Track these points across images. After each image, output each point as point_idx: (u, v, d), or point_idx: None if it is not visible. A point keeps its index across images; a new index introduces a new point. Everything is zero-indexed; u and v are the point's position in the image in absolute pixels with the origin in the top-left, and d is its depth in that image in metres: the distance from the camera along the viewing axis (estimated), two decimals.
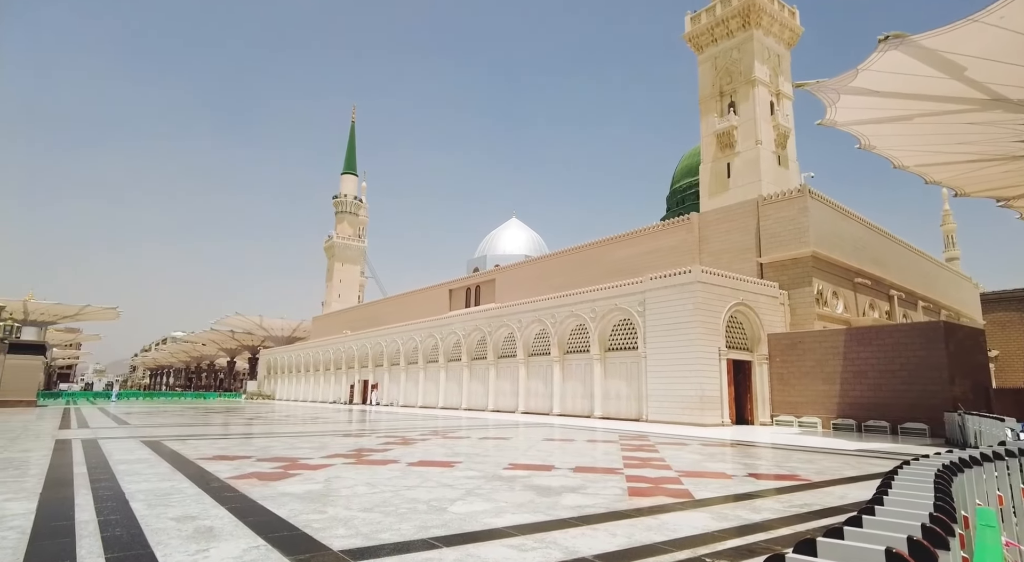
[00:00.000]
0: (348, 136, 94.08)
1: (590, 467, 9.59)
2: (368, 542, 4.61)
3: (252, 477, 7.91)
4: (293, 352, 62.19)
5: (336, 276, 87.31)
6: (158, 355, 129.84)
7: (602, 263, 35.07)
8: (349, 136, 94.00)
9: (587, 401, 27.40)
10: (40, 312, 61.49)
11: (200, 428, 18.39)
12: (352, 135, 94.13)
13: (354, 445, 13.00)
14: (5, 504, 5.95)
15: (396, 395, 42.68)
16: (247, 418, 24.91)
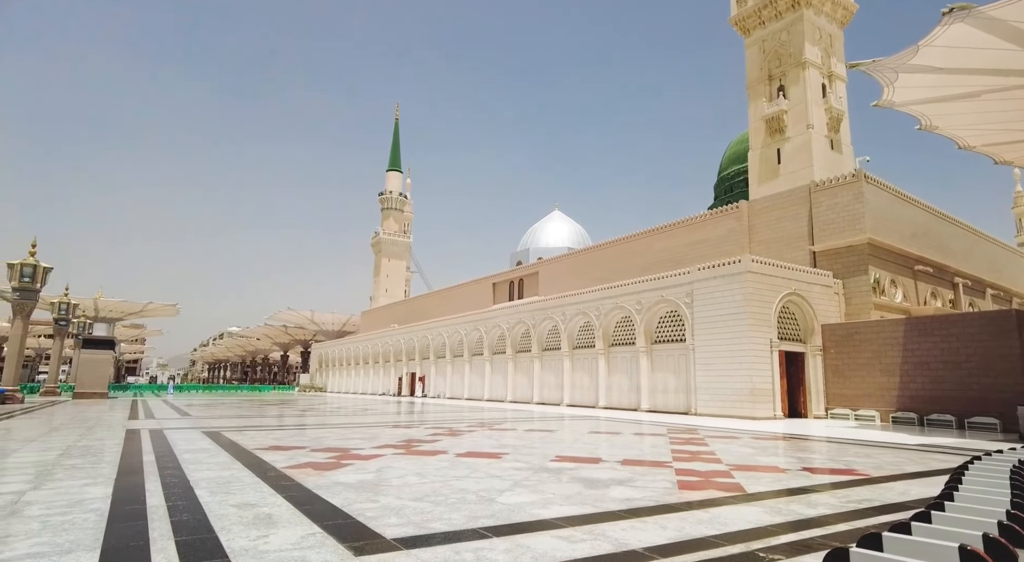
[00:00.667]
0: (392, 133, 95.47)
1: (638, 460, 9.50)
2: (419, 531, 4.70)
3: (307, 467, 8.17)
4: (343, 346, 63.77)
5: (383, 271, 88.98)
6: (215, 350, 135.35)
7: (647, 254, 34.58)
8: (393, 133, 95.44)
9: (633, 394, 27.14)
10: (108, 309, 64.92)
11: (256, 419, 19.10)
12: (396, 132, 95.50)
13: (403, 436, 13.26)
14: (85, 489, 6.34)
15: (442, 387, 43.26)
16: (300, 410, 25.72)
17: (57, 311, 37.82)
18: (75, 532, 4.54)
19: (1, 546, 4.16)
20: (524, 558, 4.00)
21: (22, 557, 3.91)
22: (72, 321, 40.20)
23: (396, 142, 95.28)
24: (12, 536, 4.42)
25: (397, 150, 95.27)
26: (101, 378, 36.30)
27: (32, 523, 4.82)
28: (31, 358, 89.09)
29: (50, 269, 28.56)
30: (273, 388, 68.86)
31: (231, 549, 4.11)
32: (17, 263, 27.40)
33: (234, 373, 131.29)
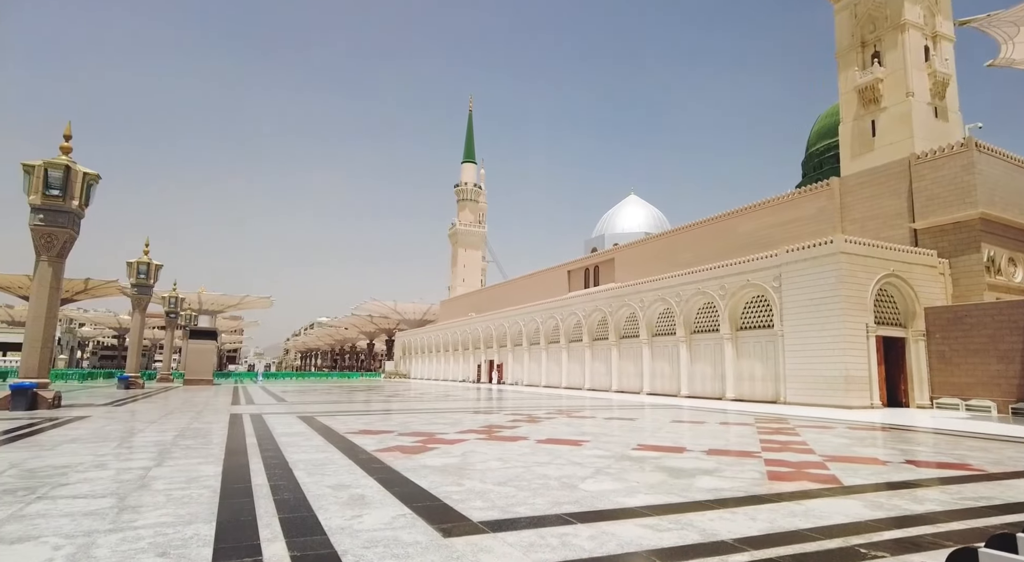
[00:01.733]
0: (466, 126, 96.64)
1: (724, 449, 9.23)
2: (504, 515, 4.80)
3: (395, 450, 8.51)
4: (424, 334, 65.71)
5: (460, 261, 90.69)
6: (307, 339, 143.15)
7: (731, 237, 33.24)
8: (467, 126, 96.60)
9: (717, 382, 26.33)
10: (210, 302, 70.05)
11: (345, 405, 20.07)
12: (470, 125, 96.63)
13: (484, 422, 13.52)
14: (199, 467, 6.92)
15: (520, 375, 43.69)
16: (386, 396, 26.78)
17: (168, 305, 41.22)
18: (193, 506, 4.97)
19: (136, 515, 4.62)
20: (609, 545, 4.00)
21: (153, 525, 4.34)
22: (180, 314, 43.70)
23: (470, 134, 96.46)
24: (144, 506, 4.91)
25: (471, 142, 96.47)
26: (207, 366, 39.31)
27: (159, 496, 5.32)
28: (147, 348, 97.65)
29: (161, 266, 31.14)
30: (360, 375, 72.07)
31: (329, 527, 4.36)
32: (134, 261, 30.08)
33: (324, 361, 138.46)
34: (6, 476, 6.22)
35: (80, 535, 4.07)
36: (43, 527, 4.26)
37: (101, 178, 16.26)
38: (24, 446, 8.62)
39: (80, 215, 16.00)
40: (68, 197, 15.44)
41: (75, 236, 16.00)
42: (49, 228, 15.32)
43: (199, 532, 4.17)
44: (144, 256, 30.49)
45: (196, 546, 3.85)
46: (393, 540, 4.04)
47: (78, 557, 3.61)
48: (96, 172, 16.07)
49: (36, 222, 15.23)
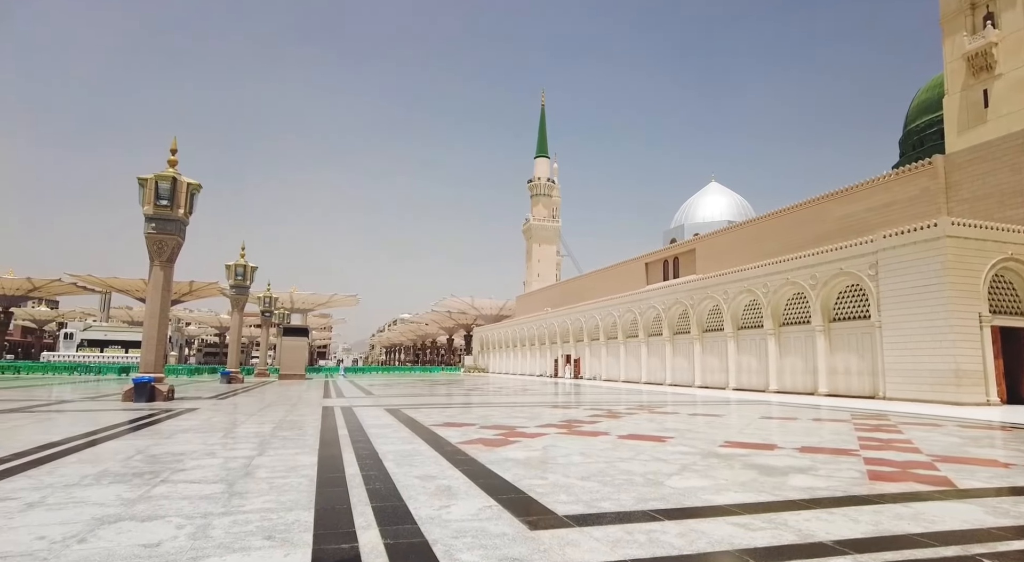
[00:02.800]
0: (539, 120, 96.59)
1: (818, 447, 8.76)
2: (589, 510, 4.79)
3: (478, 443, 8.68)
4: (501, 329, 66.48)
5: (534, 256, 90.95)
6: (390, 334, 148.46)
7: (822, 223, 31.40)
8: (540, 120, 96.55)
9: (808, 377, 25.01)
10: (301, 301, 74.03)
11: (428, 398, 20.66)
12: (543, 119, 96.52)
13: (564, 416, 13.52)
14: (297, 457, 7.35)
15: (598, 370, 43.31)
16: (466, 389, 27.33)
17: (263, 304, 43.92)
18: (293, 493, 5.29)
19: (243, 500, 4.98)
20: (699, 543, 3.90)
21: (259, 510, 4.65)
22: (274, 312, 46.45)
23: (543, 129, 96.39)
24: (250, 493, 5.28)
25: (544, 137, 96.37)
26: (299, 361, 41.61)
27: (262, 483, 5.70)
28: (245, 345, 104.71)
29: (256, 268, 33.24)
30: (441, 369, 73.92)
31: (419, 517, 4.51)
32: (232, 264, 32.28)
33: (407, 355, 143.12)
34: (134, 461, 6.86)
35: (198, 516, 4.43)
36: (167, 508, 4.68)
37: (202, 187, 17.54)
38: (146, 434, 9.47)
39: (185, 222, 17.34)
40: (175, 206, 16.78)
41: (182, 242, 17.35)
42: (160, 235, 16.71)
43: (300, 518, 4.43)
44: (240, 259, 32.64)
45: (298, 531, 4.09)
46: (481, 531, 4.13)
47: (197, 536, 3.93)
48: (198, 182, 17.37)
49: (149, 230, 16.65)
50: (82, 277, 63.58)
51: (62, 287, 68.29)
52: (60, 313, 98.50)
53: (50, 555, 3.53)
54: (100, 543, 3.76)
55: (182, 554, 3.56)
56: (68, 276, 63.88)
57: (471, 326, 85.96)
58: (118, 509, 4.63)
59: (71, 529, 4.06)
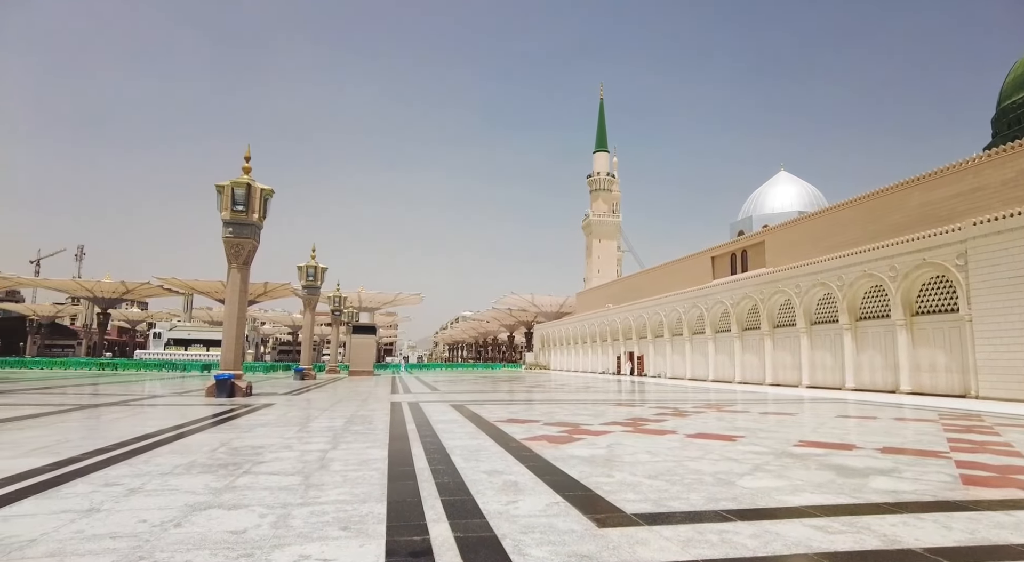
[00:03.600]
0: (597, 114, 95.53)
1: (901, 448, 8.28)
2: (658, 508, 4.72)
3: (543, 440, 8.70)
4: (561, 326, 66.29)
5: (595, 252, 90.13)
6: (453, 332, 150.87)
7: (902, 211, 29.56)
8: (599, 114, 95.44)
9: (889, 373, 23.66)
10: (368, 300, 76.34)
11: (491, 394, 20.87)
12: (601, 113, 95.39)
13: (628, 414, 13.36)
14: (368, 451, 7.60)
15: (662, 367, 42.49)
16: (528, 386, 27.43)
17: (333, 303, 45.59)
18: (366, 486, 5.47)
19: (320, 492, 5.20)
20: (775, 545, 3.77)
21: (334, 501, 4.85)
22: (343, 311, 48.11)
23: (602, 123, 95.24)
24: (325, 485, 5.51)
25: (603, 131, 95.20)
26: (368, 358, 42.95)
27: (336, 476, 5.93)
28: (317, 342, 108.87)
29: (326, 269, 34.54)
30: (503, 366, 74.46)
31: (487, 511, 4.58)
32: (303, 266, 33.68)
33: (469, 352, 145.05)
34: (219, 453, 7.29)
35: (278, 507, 4.67)
36: (250, 498, 4.95)
37: (275, 192, 18.37)
38: (228, 428, 10.03)
39: (259, 226, 18.22)
40: (250, 211, 17.67)
41: (256, 245, 18.24)
42: (237, 239, 17.64)
43: (373, 510, 4.59)
44: (311, 260, 33.99)
45: (372, 523, 4.24)
46: (549, 527, 4.14)
47: (278, 525, 4.15)
48: (271, 188, 18.20)
49: (227, 234, 17.60)
50: (168, 280, 67.96)
51: (150, 289, 73.26)
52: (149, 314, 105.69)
53: (152, 537, 3.81)
54: (193, 528, 4.03)
55: (266, 541, 3.76)
56: (156, 279, 68.47)
57: (531, 323, 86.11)
58: (207, 497, 4.93)
59: (167, 514, 4.37)
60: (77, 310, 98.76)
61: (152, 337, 75.44)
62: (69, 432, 9.17)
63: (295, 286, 46.40)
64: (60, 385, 23.23)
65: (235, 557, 3.44)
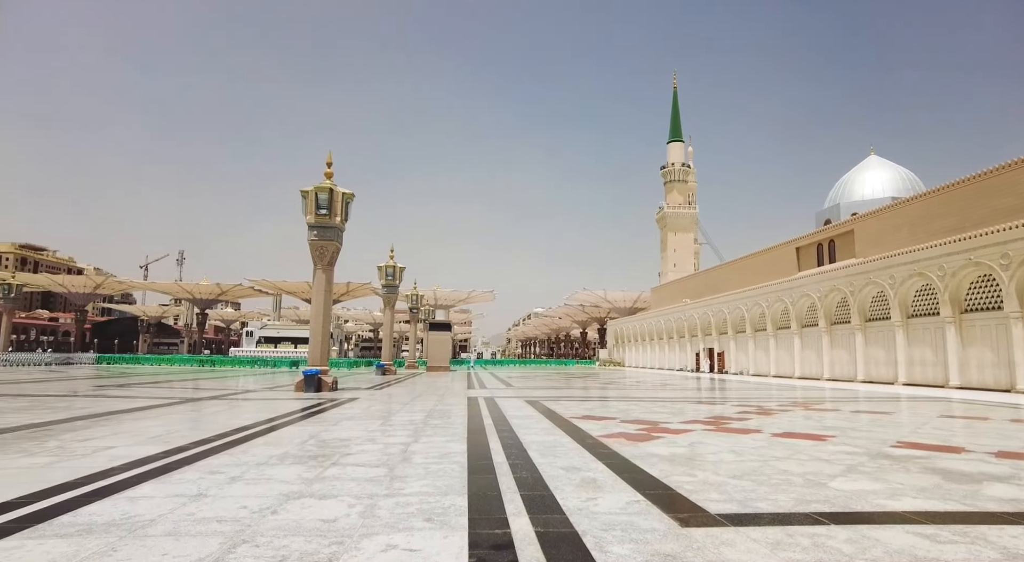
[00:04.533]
0: (671, 103, 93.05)
1: (1021, 452, 7.57)
2: (744, 509, 4.56)
3: (620, 437, 8.60)
4: (636, 322, 65.16)
5: (670, 246, 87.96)
6: (525, 328, 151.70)
7: (1011, 196, 26.99)
8: (672, 103, 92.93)
9: (1002, 371, 21.71)
10: (443, 298, 78.05)
11: (565, 390, 20.82)
12: (675, 102, 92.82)
13: (709, 412, 12.97)
14: (448, 444, 7.79)
15: (744, 363, 40.93)
16: (602, 383, 27.16)
17: (411, 301, 46.95)
18: (447, 479, 5.61)
19: (403, 483, 5.38)
20: (874, 551, 3.55)
21: (418, 493, 5.01)
22: (420, 309, 49.44)
23: (675, 112, 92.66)
24: (408, 477, 5.69)
25: (677, 120, 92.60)
26: (444, 354, 43.96)
27: (418, 468, 6.12)
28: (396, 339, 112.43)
29: (404, 268, 35.60)
30: (576, 362, 74.13)
31: (566, 507, 4.58)
32: (383, 266, 34.87)
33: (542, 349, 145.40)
34: (308, 445, 7.69)
35: (365, 497, 4.87)
36: (339, 488, 5.19)
37: (355, 196, 19.11)
38: (316, 421, 10.55)
39: (342, 229, 19.01)
40: (332, 214, 18.48)
41: (339, 247, 19.06)
42: (321, 242, 18.49)
43: (455, 503, 4.70)
44: (390, 260, 35.14)
45: (454, 515, 4.34)
46: (630, 525, 4.10)
47: (366, 515, 4.33)
48: (351, 192, 18.94)
49: (312, 237, 18.50)
50: (258, 282, 72.36)
51: (243, 291, 78.27)
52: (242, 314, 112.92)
53: (252, 523, 4.07)
54: (288, 516, 4.27)
55: (355, 530, 3.93)
56: (247, 281, 73.10)
57: (604, 319, 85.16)
58: (299, 487, 5.21)
59: (265, 502, 4.66)
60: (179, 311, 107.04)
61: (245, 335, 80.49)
62: (176, 423, 9.95)
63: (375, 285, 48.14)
64: (167, 380, 25.24)
65: (327, 545, 3.62)
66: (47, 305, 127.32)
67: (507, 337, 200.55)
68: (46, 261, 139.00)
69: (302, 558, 3.37)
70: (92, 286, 75.95)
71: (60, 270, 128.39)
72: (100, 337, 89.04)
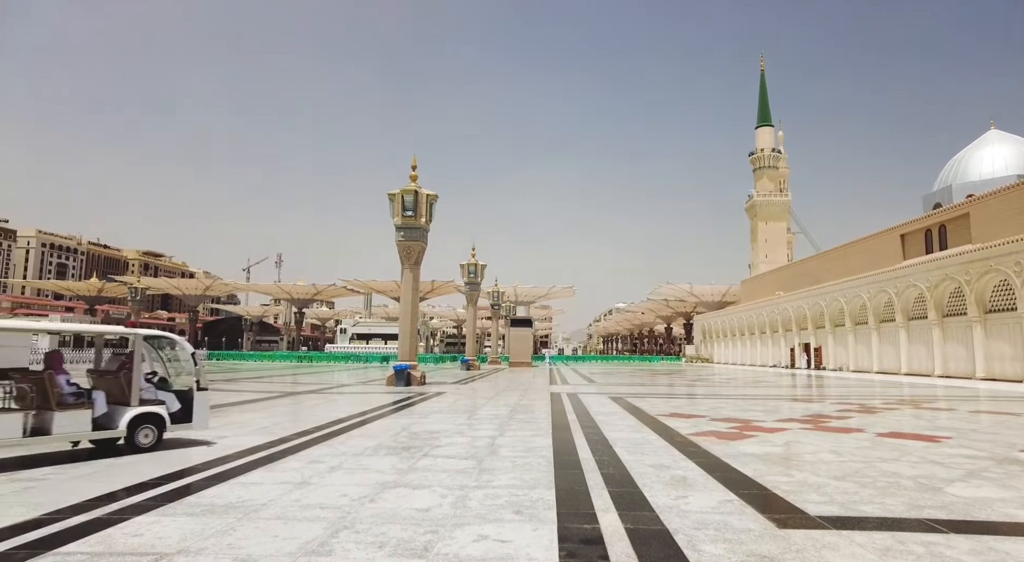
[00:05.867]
0: (759, 87, 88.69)
1: None
2: (847, 512, 4.31)
3: (710, 435, 8.34)
4: (724, 317, 62.77)
5: (760, 236, 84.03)
6: (607, 324, 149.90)
7: None
8: (760, 86, 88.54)
9: None
10: (524, 294, 78.60)
11: (650, 388, 20.41)
12: (763, 85, 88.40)
13: (806, 410, 12.31)
14: (533, 439, 7.87)
15: (844, 359, 38.44)
16: (689, 380, 26.39)
17: (492, 298, 47.63)
18: (533, 472, 5.67)
19: (491, 476, 5.50)
20: None
21: (506, 486, 5.10)
22: (501, 305, 50.05)
23: (763, 95, 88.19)
24: (496, 469, 5.81)
25: (765, 104, 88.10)
26: (526, 350, 44.29)
27: (505, 462, 6.22)
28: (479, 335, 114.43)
29: (485, 266, 36.20)
30: (661, 359, 72.41)
31: (656, 504, 4.52)
32: (465, 264, 35.63)
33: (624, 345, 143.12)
34: (401, 436, 8.02)
35: (456, 488, 5.02)
36: (431, 479, 5.38)
37: (439, 197, 19.67)
38: (406, 414, 10.97)
39: (427, 229, 19.60)
40: (418, 215, 19.10)
41: (425, 247, 19.65)
42: (408, 242, 19.16)
43: (543, 497, 4.75)
44: (472, 259, 35.81)
45: (542, 508, 4.39)
46: (723, 524, 3.98)
47: (457, 505, 4.46)
48: (435, 193, 19.52)
49: (399, 238, 19.19)
50: (350, 282, 76.02)
51: (336, 291, 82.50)
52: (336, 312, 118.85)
53: (351, 510, 4.31)
54: (385, 504, 4.48)
55: (448, 520, 4.07)
56: (340, 281, 77.04)
57: (690, 314, 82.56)
58: (394, 476, 5.45)
59: (363, 490, 4.91)
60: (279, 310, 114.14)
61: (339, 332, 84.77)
62: (279, 415, 10.66)
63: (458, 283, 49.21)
64: (268, 375, 27.03)
65: (422, 533, 3.77)
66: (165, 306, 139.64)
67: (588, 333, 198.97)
68: (164, 266, 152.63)
69: (399, 545, 3.53)
70: (202, 288, 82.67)
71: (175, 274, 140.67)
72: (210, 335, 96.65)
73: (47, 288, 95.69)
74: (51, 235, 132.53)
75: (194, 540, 3.58)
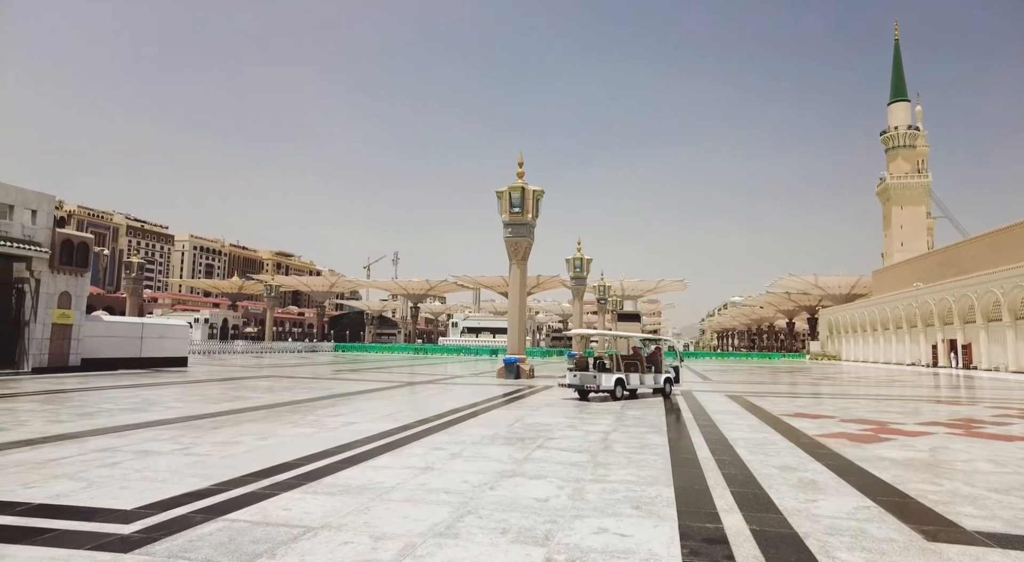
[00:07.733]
0: (892, 58, 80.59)
1: None
2: (1013, 529, 3.86)
3: (840, 437, 7.78)
4: (854, 310, 57.86)
5: (895, 222, 76.60)
6: (721, 319, 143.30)
7: None
8: (894, 58, 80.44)
9: None
10: (631, 288, 77.20)
11: (771, 386, 19.30)
12: (897, 56, 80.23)
13: (954, 413, 11.10)
14: (647, 436, 7.76)
15: (1001, 358, 34.11)
16: (814, 379, 24.65)
17: (598, 293, 47.29)
18: (650, 469, 5.60)
19: (607, 471, 5.50)
20: None
21: (622, 481, 5.09)
22: (608, 299, 49.50)
23: (898, 67, 79.97)
24: (611, 464, 5.80)
25: (900, 77, 79.84)
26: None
27: (620, 457, 6.19)
28: None
29: (591, 260, 35.97)
30: (782, 356, 68.14)
31: (783, 507, 4.30)
32: (571, 258, 35.61)
33: (741, 341, 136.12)
34: (515, 427, 8.22)
35: (572, 480, 5.08)
36: (547, 470, 5.48)
37: (545, 193, 19.81)
38: (518, 406, 11.20)
39: (533, 225, 19.85)
40: (525, 212, 19.38)
41: (532, 242, 19.91)
42: (515, 238, 19.52)
43: (661, 493, 4.68)
44: (577, 253, 35.71)
45: (661, 505, 4.33)
46: (859, 532, 3.72)
47: (575, 497, 4.52)
48: (541, 189, 19.69)
49: (507, 234, 19.60)
50: (461, 278, 78.67)
51: (448, 286, 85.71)
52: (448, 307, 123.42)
53: (473, 496, 4.50)
54: (504, 492, 4.64)
55: (566, 511, 4.14)
56: (451, 277, 79.95)
57: (815, 308, 76.87)
58: (511, 466, 5.61)
59: (483, 478, 5.10)
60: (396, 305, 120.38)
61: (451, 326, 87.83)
62: (400, 404, 11.29)
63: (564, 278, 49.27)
64: (388, 366, 28.63)
65: (542, 522, 3.87)
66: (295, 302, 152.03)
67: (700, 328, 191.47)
68: (293, 265, 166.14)
69: (521, 532, 3.64)
70: (328, 285, 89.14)
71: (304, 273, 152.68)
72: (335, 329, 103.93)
73: (199, 286, 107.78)
74: (201, 239, 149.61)
75: (335, 517, 3.91)
